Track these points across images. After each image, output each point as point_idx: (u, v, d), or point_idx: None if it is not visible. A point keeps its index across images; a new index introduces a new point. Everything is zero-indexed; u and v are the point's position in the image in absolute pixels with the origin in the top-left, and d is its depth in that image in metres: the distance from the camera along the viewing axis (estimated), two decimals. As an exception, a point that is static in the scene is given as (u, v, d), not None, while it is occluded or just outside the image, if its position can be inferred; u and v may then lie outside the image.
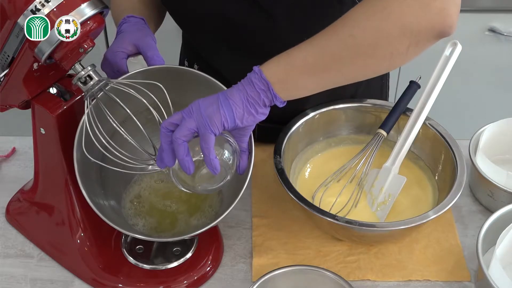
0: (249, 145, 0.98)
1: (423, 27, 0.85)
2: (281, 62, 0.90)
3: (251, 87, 0.90)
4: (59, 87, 1.04)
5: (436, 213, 1.05)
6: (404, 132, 1.17)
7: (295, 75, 0.90)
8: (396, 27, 0.85)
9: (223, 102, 0.89)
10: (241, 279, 1.09)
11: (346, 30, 0.87)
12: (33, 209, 1.15)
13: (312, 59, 0.89)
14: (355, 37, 0.86)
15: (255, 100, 0.90)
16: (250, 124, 0.92)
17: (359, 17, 0.87)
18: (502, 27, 1.87)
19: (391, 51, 0.87)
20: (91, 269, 1.09)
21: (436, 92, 1.15)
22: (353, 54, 0.87)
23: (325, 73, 0.90)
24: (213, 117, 0.88)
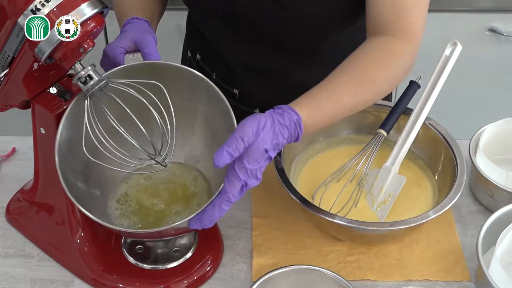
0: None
1: (404, 77, 1.08)
2: (317, 126, 0.99)
3: (286, 137, 0.94)
4: (59, 87, 1.04)
5: (436, 213, 1.05)
6: (404, 132, 1.17)
7: (320, 126, 1.00)
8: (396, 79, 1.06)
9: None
10: (241, 279, 1.09)
11: (367, 89, 1.02)
12: (33, 209, 1.15)
13: (334, 116, 1.01)
14: (373, 96, 1.04)
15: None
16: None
17: (375, 77, 1.03)
18: (502, 27, 1.87)
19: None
20: (91, 269, 1.09)
21: (436, 92, 1.15)
22: (368, 104, 1.05)
23: (340, 119, 1.04)
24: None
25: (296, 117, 0.94)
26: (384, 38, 1.05)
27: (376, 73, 1.02)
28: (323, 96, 0.99)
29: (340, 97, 1.00)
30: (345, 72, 1.02)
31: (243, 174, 0.91)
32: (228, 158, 0.89)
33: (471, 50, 1.55)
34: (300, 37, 1.16)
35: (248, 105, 1.29)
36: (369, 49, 1.05)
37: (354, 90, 1.01)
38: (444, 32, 1.85)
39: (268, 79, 1.24)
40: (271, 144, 0.92)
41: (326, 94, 0.99)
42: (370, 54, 1.04)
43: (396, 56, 1.04)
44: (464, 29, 1.88)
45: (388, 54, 1.04)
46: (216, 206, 0.92)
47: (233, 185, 0.91)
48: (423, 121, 1.16)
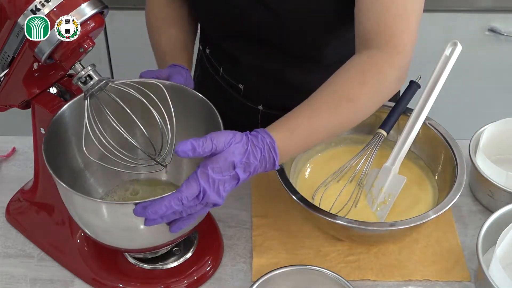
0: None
1: (393, 91, 1.04)
2: (293, 150, 0.97)
3: (262, 164, 0.92)
4: (59, 87, 1.04)
5: (436, 213, 1.05)
6: (404, 132, 1.17)
7: (297, 152, 0.99)
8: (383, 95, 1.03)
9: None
10: (241, 279, 1.09)
11: (345, 109, 0.98)
12: (33, 209, 1.15)
13: (311, 139, 0.98)
14: (354, 114, 1.00)
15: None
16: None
17: (358, 97, 0.99)
18: (502, 27, 1.87)
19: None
20: (91, 269, 1.09)
21: (436, 92, 1.15)
22: (349, 124, 1.02)
23: (319, 142, 1.01)
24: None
25: (269, 140, 0.92)
26: (369, 52, 1.01)
27: (355, 91, 0.99)
28: (299, 119, 0.96)
29: (316, 119, 0.97)
30: (323, 92, 0.99)
31: (203, 179, 0.88)
32: (190, 147, 0.87)
33: (471, 50, 1.55)
34: (297, 42, 1.16)
35: (252, 101, 1.29)
36: (351, 66, 1.01)
37: (330, 111, 0.97)
38: (444, 32, 1.85)
39: (271, 79, 1.24)
40: (240, 160, 0.89)
41: (303, 117, 0.96)
42: (351, 71, 1.01)
43: (380, 72, 1.00)
44: (464, 29, 1.88)
45: (371, 70, 1.00)
46: (165, 200, 0.88)
47: (190, 186, 0.88)
48: (423, 121, 1.16)
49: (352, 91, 0.99)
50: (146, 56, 1.97)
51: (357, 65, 1.01)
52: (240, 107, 1.30)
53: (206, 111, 1.02)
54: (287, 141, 0.94)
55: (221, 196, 0.90)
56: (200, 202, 0.89)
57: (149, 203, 0.88)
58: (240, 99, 1.29)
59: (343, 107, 0.98)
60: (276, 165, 0.93)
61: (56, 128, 1.00)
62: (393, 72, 1.01)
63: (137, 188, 1.12)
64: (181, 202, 0.88)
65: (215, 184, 0.89)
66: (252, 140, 0.91)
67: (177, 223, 0.93)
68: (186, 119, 1.04)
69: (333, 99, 0.98)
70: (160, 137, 0.97)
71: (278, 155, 0.92)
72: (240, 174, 0.90)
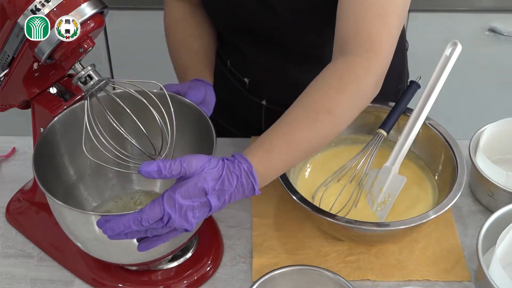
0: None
1: (371, 97, 1.00)
2: (273, 172, 0.94)
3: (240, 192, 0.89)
4: (59, 87, 1.04)
5: (436, 213, 1.05)
6: (404, 132, 1.17)
7: (277, 173, 0.95)
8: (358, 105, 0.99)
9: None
10: (241, 279, 1.09)
11: (323, 121, 0.95)
12: (33, 209, 1.15)
13: (290, 158, 0.94)
14: (333, 128, 0.97)
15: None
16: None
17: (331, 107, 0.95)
18: (502, 27, 1.87)
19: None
20: (91, 269, 1.09)
21: (436, 92, 1.15)
22: (328, 136, 0.98)
23: (300, 159, 0.98)
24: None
25: (247, 166, 0.88)
26: (344, 58, 0.97)
27: (333, 102, 0.95)
28: (276, 139, 0.93)
29: (295, 137, 0.93)
30: (299, 106, 0.95)
31: (168, 204, 0.85)
32: (155, 169, 0.84)
33: (471, 50, 1.55)
34: (297, 41, 1.17)
35: (256, 95, 1.30)
36: (327, 74, 0.97)
37: (309, 126, 0.93)
38: (444, 32, 1.85)
39: (275, 75, 1.24)
40: (212, 186, 0.86)
41: (279, 136, 0.93)
42: (326, 80, 0.97)
43: (357, 77, 0.96)
44: (464, 29, 1.88)
45: (346, 76, 0.96)
46: (123, 218, 0.85)
47: (152, 209, 0.85)
48: (423, 121, 1.16)
49: (328, 102, 0.95)
50: (146, 56, 1.98)
51: (333, 73, 0.97)
52: (245, 102, 1.30)
53: (199, 120, 1.02)
54: (266, 164, 0.91)
55: (189, 222, 0.86)
56: (165, 225, 0.86)
57: (111, 218, 0.87)
58: (245, 93, 1.30)
59: (320, 120, 0.94)
60: (256, 190, 0.90)
61: (47, 142, 1.00)
62: (370, 77, 0.97)
63: (142, 198, 1.13)
64: (141, 223, 0.85)
65: (181, 209, 0.85)
66: (228, 166, 0.88)
67: (144, 242, 0.90)
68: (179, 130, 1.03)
69: (309, 113, 0.94)
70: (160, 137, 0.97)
71: (257, 180, 0.89)
72: (212, 202, 0.86)
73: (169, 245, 0.97)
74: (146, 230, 0.87)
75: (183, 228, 0.87)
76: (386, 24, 0.98)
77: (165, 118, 0.96)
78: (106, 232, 0.87)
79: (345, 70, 0.96)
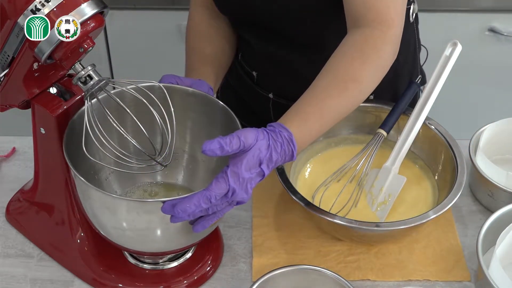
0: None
1: (390, 65, 1.06)
2: (309, 140, 0.99)
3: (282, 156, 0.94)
4: (59, 87, 1.04)
5: (436, 213, 1.05)
6: (404, 132, 1.17)
7: (311, 140, 1.00)
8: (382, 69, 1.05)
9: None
10: (241, 279, 1.09)
11: (352, 89, 1.01)
12: (33, 209, 1.15)
13: (324, 124, 1.00)
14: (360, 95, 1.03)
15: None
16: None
17: (362, 77, 1.02)
18: (502, 27, 1.87)
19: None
20: (91, 269, 1.09)
21: (436, 92, 1.15)
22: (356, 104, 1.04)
23: (331, 125, 1.02)
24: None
25: (287, 134, 0.94)
26: (361, 31, 1.03)
27: (359, 71, 1.01)
28: (310, 107, 0.98)
29: (327, 104, 0.99)
30: (327, 76, 1.01)
31: (233, 178, 0.89)
32: (217, 146, 0.87)
33: (471, 50, 1.55)
34: (299, 31, 1.17)
35: (263, 88, 1.31)
36: (347, 47, 1.03)
37: (339, 94, 1.00)
38: (444, 32, 1.85)
39: (282, 67, 1.26)
40: (265, 155, 0.91)
41: (313, 104, 0.99)
42: (348, 52, 1.03)
43: (376, 48, 1.03)
44: (464, 29, 1.88)
45: (367, 48, 1.02)
46: (194, 198, 0.88)
47: (219, 185, 0.89)
48: (423, 121, 1.16)
49: (355, 71, 1.01)
50: (146, 56, 1.98)
51: (353, 45, 1.03)
52: (253, 94, 1.32)
53: (227, 119, 1.03)
54: (303, 132, 0.96)
55: (248, 194, 0.91)
56: (227, 200, 0.90)
57: (178, 200, 0.89)
58: (253, 86, 1.32)
59: (349, 88, 1.00)
60: (294, 156, 0.95)
61: (75, 128, 1.00)
62: (387, 46, 1.03)
63: (156, 190, 1.13)
64: (210, 200, 0.89)
65: (244, 182, 0.90)
66: (271, 135, 0.93)
67: (202, 221, 0.93)
68: (208, 127, 1.07)
69: (338, 83, 1.00)
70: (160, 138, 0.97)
71: (296, 147, 0.94)
72: (265, 170, 0.92)
73: (196, 235, 0.98)
74: (208, 208, 0.90)
75: (242, 200, 0.92)
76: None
77: (165, 118, 0.96)
78: (178, 214, 0.89)
79: (364, 42, 1.03)
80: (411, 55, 1.32)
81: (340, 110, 1.01)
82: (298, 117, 0.97)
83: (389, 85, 1.26)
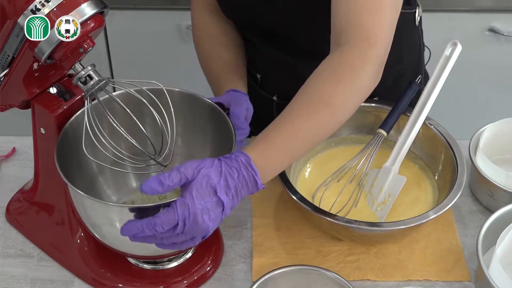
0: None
1: (370, 88, 0.99)
2: (274, 164, 0.93)
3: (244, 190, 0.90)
4: (59, 87, 1.04)
5: (436, 213, 1.05)
6: (404, 132, 1.17)
7: (279, 166, 0.95)
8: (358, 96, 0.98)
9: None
10: (241, 279, 1.09)
11: (322, 112, 0.95)
12: (33, 209, 1.15)
13: (291, 149, 0.94)
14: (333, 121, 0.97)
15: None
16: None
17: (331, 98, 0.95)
18: (502, 27, 1.87)
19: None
20: (91, 269, 1.09)
21: (436, 92, 1.15)
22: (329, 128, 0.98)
23: (301, 152, 0.97)
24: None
25: (244, 158, 0.89)
26: (340, 50, 0.97)
27: (330, 93, 0.95)
28: (275, 132, 0.93)
29: (295, 128, 0.93)
30: (299, 98, 0.96)
31: (182, 208, 0.85)
32: (156, 183, 0.85)
33: (471, 50, 1.55)
34: (301, 34, 1.17)
35: (267, 91, 1.32)
36: (322, 68, 0.98)
37: (309, 117, 0.94)
38: (444, 32, 1.85)
39: (285, 70, 1.26)
40: (218, 182, 0.86)
41: (279, 129, 0.94)
42: (323, 73, 0.97)
43: (354, 68, 0.96)
44: (464, 29, 1.88)
45: (343, 68, 0.96)
46: (139, 222, 0.86)
47: (166, 214, 0.85)
48: (423, 121, 1.16)
49: (326, 94, 0.95)
50: (146, 56, 1.98)
51: (329, 66, 0.97)
52: (258, 97, 1.31)
53: (219, 120, 1.03)
54: (266, 156, 0.91)
55: (206, 225, 0.86)
56: (182, 233, 0.86)
57: (129, 221, 0.88)
58: (258, 88, 1.32)
59: (319, 111, 0.94)
60: (259, 183, 0.90)
61: (69, 134, 1.00)
62: (366, 66, 0.96)
63: None
64: (154, 228, 0.85)
65: (196, 213, 0.85)
66: (225, 162, 0.88)
67: (160, 246, 0.90)
68: (201, 130, 1.07)
69: (308, 105, 0.95)
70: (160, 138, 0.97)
71: (258, 172, 0.89)
72: (223, 199, 0.87)
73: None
74: (162, 237, 0.87)
75: (201, 234, 0.87)
76: (378, 13, 0.98)
77: (165, 118, 0.96)
78: (122, 232, 0.88)
79: (341, 61, 0.97)
80: (416, 56, 1.32)
81: (309, 134, 0.95)
82: (261, 143, 0.92)
83: (394, 86, 1.26)
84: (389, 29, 0.99)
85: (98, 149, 0.95)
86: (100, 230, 0.99)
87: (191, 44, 1.30)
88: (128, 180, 1.13)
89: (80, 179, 1.03)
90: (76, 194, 0.94)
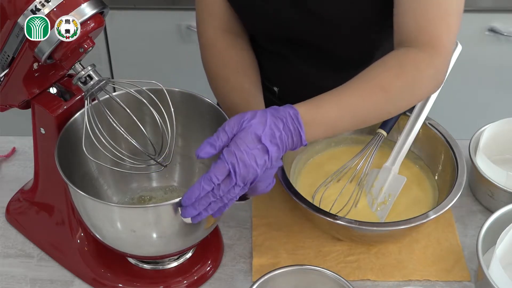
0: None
1: (429, 91, 1.03)
2: (320, 125, 0.93)
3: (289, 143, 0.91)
4: (59, 87, 1.04)
5: (436, 213, 1.05)
6: (404, 132, 1.17)
7: (324, 131, 0.95)
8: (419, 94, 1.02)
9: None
10: (241, 279, 1.09)
11: (376, 95, 0.96)
12: (33, 209, 1.15)
13: (340, 116, 0.95)
14: (386, 103, 0.98)
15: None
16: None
17: (391, 87, 0.97)
18: (502, 27, 1.87)
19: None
20: (91, 269, 1.09)
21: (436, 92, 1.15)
22: (381, 111, 1.00)
23: (346, 126, 0.99)
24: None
25: (292, 111, 0.90)
26: (407, 49, 1.00)
27: (389, 81, 0.97)
28: (327, 96, 0.95)
29: (345, 100, 0.95)
30: (358, 79, 0.98)
31: (229, 156, 0.86)
32: (208, 147, 0.87)
33: (471, 50, 1.55)
34: (347, 47, 1.16)
35: (287, 102, 1.29)
36: (389, 58, 1.00)
37: (363, 96, 0.96)
38: (444, 32, 1.85)
39: (308, 84, 1.21)
40: (262, 130, 0.87)
41: (330, 96, 0.95)
42: (388, 62, 0.99)
43: (418, 68, 0.98)
44: (464, 29, 1.87)
45: (408, 64, 0.98)
46: (195, 184, 0.87)
47: (217, 166, 0.86)
48: (423, 121, 1.16)
49: (386, 81, 0.97)
50: (146, 56, 1.98)
51: (395, 58, 0.99)
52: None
53: (219, 119, 1.02)
54: (313, 115, 0.92)
55: (254, 168, 0.87)
56: (236, 183, 0.87)
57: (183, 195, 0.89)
58: (275, 101, 1.29)
59: (374, 93, 0.96)
60: (303, 138, 0.90)
61: (69, 134, 1.00)
62: (430, 70, 0.99)
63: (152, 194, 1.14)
64: (211, 180, 0.87)
65: (243, 159, 0.86)
66: (271, 112, 0.89)
67: (224, 208, 0.91)
68: (201, 130, 1.06)
69: (365, 86, 0.97)
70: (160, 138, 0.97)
71: (303, 127, 0.90)
72: (268, 146, 0.87)
73: (188, 240, 0.99)
74: (221, 196, 0.88)
75: (250, 177, 0.87)
76: (446, 23, 1.00)
77: (165, 118, 0.96)
78: (184, 202, 0.88)
79: (407, 58, 0.99)
80: None
81: (358, 110, 0.96)
82: (312, 103, 0.93)
83: None
84: (454, 38, 1.02)
85: (98, 149, 0.95)
86: (101, 230, 0.99)
87: (191, 44, 1.30)
88: (128, 180, 1.13)
89: (80, 179, 1.03)
90: (77, 194, 0.94)
